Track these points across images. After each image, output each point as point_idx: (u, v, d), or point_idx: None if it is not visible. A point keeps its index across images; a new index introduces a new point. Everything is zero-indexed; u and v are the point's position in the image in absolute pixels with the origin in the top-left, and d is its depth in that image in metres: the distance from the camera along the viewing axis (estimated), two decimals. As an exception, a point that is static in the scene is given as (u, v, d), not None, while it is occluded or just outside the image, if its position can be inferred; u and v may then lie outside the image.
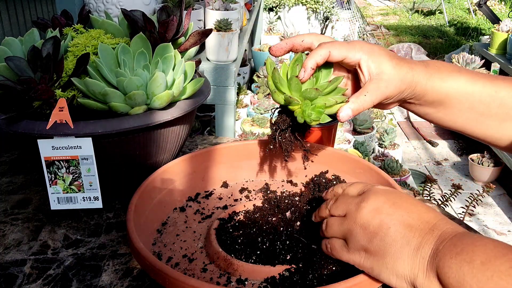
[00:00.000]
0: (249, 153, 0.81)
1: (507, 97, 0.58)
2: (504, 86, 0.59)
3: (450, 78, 0.59)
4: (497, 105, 0.59)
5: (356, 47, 0.59)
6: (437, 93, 0.59)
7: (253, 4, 3.01)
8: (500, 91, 0.58)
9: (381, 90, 0.58)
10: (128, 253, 0.69)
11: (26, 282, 0.63)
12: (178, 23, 0.77)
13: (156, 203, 0.70)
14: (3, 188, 0.88)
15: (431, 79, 0.59)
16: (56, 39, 0.70)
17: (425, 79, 0.59)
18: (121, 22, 0.83)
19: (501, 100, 0.58)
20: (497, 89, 0.59)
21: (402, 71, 0.58)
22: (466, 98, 0.59)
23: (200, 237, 0.67)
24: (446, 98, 0.60)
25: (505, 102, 0.58)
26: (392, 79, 0.58)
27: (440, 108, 0.61)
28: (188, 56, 0.86)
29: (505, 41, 3.52)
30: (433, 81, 0.59)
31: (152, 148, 0.77)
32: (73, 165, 0.70)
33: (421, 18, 7.11)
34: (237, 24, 1.77)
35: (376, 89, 0.58)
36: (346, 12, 4.98)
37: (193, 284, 0.48)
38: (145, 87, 0.72)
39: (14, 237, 0.73)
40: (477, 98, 0.59)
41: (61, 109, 0.67)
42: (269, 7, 4.59)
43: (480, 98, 0.59)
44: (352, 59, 0.59)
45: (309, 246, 0.61)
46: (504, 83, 0.59)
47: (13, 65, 0.68)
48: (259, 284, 0.56)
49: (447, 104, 0.60)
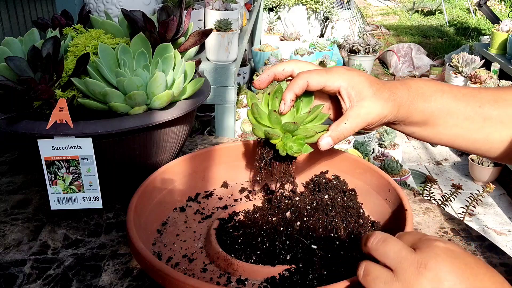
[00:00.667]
0: (249, 153, 0.81)
1: (491, 110, 0.58)
2: (487, 100, 0.59)
3: (433, 98, 0.59)
4: (482, 119, 0.58)
5: (335, 75, 0.59)
6: (421, 114, 0.59)
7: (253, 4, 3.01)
8: (484, 105, 0.58)
9: (362, 117, 0.58)
10: (128, 253, 0.69)
11: (26, 282, 0.63)
12: (178, 23, 0.77)
13: (156, 203, 0.70)
14: (3, 188, 0.88)
15: (414, 102, 0.59)
16: (56, 39, 0.70)
17: (408, 102, 0.58)
18: (121, 22, 0.83)
19: (485, 114, 0.58)
20: (481, 103, 0.58)
21: (383, 97, 0.58)
22: (451, 116, 0.59)
23: (200, 237, 0.67)
24: (431, 117, 0.59)
25: (490, 116, 0.58)
26: (373, 106, 0.57)
27: (425, 127, 0.60)
28: (188, 56, 0.86)
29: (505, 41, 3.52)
30: (416, 104, 0.59)
31: (152, 148, 0.77)
32: (73, 165, 0.70)
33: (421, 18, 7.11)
34: (237, 24, 1.77)
35: (356, 116, 0.58)
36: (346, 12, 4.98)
37: (193, 284, 0.48)
38: (145, 87, 0.72)
39: (14, 237, 0.73)
40: (461, 115, 0.59)
41: (61, 109, 0.67)
42: (269, 7, 4.59)
43: (465, 114, 0.59)
44: (331, 87, 0.59)
45: (309, 246, 0.61)
46: (487, 96, 0.59)
47: (13, 65, 0.68)
48: (259, 284, 0.56)
49: (432, 123, 0.60)
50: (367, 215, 0.69)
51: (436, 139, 0.62)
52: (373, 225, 0.65)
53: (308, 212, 0.66)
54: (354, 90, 0.58)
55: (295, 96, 0.59)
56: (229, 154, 0.80)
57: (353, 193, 0.70)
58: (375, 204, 0.70)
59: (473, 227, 0.77)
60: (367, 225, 0.65)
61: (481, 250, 0.71)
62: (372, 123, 0.59)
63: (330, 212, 0.65)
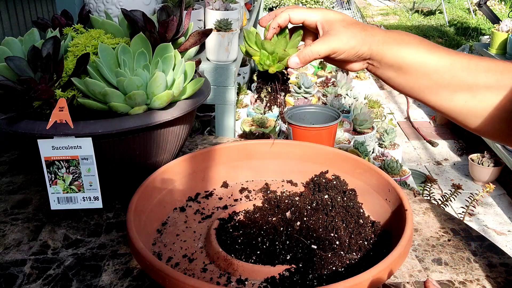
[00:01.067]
0: (249, 153, 0.81)
1: (460, 70, 0.61)
2: (459, 60, 0.62)
3: (408, 46, 0.63)
4: (451, 76, 0.61)
5: (314, 11, 0.68)
6: (394, 58, 0.64)
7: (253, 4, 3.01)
8: (455, 63, 0.62)
9: (328, 43, 0.65)
10: (128, 253, 0.69)
11: (26, 282, 0.63)
12: (178, 23, 0.77)
13: (156, 203, 0.70)
14: (3, 188, 0.88)
15: (388, 43, 0.64)
16: (56, 39, 0.70)
17: (381, 42, 0.64)
18: (121, 22, 0.83)
19: (455, 72, 0.61)
20: (452, 61, 0.62)
21: (352, 30, 0.65)
22: (421, 66, 0.63)
23: (200, 237, 0.67)
24: (403, 64, 0.63)
25: (458, 75, 0.61)
26: (340, 35, 0.64)
27: (399, 73, 0.65)
28: (188, 56, 0.86)
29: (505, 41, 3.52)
30: (390, 46, 0.64)
31: (152, 148, 0.77)
32: (73, 165, 0.70)
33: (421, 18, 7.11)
34: (237, 24, 1.77)
35: (322, 41, 0.65)
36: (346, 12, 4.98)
37: (193, 284, 0.48)
38: (145, 87, 0.72)
39: (14, 237, 0.73)
40: (432, 67, 0.62)
41: (61, 109, 0.67)
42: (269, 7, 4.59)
43: (436, 68, 0.62)
44: (309, 21, 0.67)
45: (309, 246, 0.61)
46: (460, 57, 0.62)
47: (13, 65, 0.68)
48: (259, 284, 0.56)
49: (405, 70, 0.64)
50: (367, 215, 0.69)
51: (408, 88, 0.66)
52: (373, 225, 0.65)
53: (308, 212, 0.66)
54: (328, 23, 0.66)
55: (278, 26, 0.68)
56: (229, 154, 0.80)
57: (353, 193, 0.70)
58: (375, 204, 0.70)
59: (473, 227, 0.77)
60: (367, 225, 0.65)
61: (481, 250, 0.71)
62: (339, 51, 0.65)
63: (330, 212, 0.65)
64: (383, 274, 0.51)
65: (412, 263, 0.68)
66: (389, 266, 0.51)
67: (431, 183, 1.75)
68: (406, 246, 0.54)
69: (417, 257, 0.69)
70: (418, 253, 0.70)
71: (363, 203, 0.69)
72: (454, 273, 0.66)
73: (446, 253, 0.70)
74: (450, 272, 0.66)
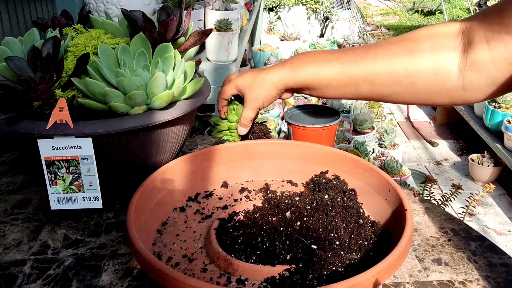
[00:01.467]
0: (249, 153, 0.81)
1: (350, 69, 0.68)
2: (347, 60, 0.69)
3: (303, 69, 0.73)
4: (345, 77, 0.69)
5: (230, 86, 0.80)
6: (300, 83, 0.74)
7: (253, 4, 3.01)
8: (345, 65, 0.69)
9: (249, 107, 0.79)
10: (128, 253, 0.69)
11: (26, 282, 0.63)
12: (178, 23, 0.77)
13: (156, 203, 0.70)
14: (3, 188, 0.88)
15: (294, 73, 0.73)
16: (56, 39, 0.70)
17: (291, 75, 0.74)
18: (121, 22, 0.83)
19: (348, 74, 0.69)
20: (342, 64, 0.69)
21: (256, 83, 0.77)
22: (320, 81, 0.71)
23: (200, 237, 0.67)
24: (309, 85, 0.73)
25: (350, 74, 0.68)
26: (251, 95, 0.78)
27: (312, 91, 0.74)
28: (188, 56, 0.86)
29: (505, 41, 3.52)
30: (295, 74, 0.73)
31: (152, 148, 0.77)
32: (73, 165, 0.70)
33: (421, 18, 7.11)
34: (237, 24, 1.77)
35: (246, 108, 0.79)
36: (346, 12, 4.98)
37: (193, 284, 0.48)
38: (145, 87, 0.72)
39: (14, 237, 0.73)
40: (327, 78, 0.70)
41: (61, 109, 0.67)
42: (269, 7, 4.59)
43: (331, 77, 0.70)
44: (235, 92, 0.80)
45: (309, 246, 0.61)
46: (347, 56, 0.69)
47: (13, 65, 0.68)
48: (259, 284, 0.56)
49: (313, 88, 0.73)
50: (367, 215, 0.69)
51: (326, 96, 0.75)
52: (373, 225, 0.65)
53: (308, 212, 0.66)
54: (242, 91, 0.79)
55: (224, 103, 0.82)
56: (229, 154, 0.80)
57: (353, 193, 0.70)
58: (375, 204, 0.70)
59: (473, 227, 0.77)
60: (367, 225, 0.65)
61: (481, 250, 0.71)
62: (261, 105, 0.78)
63: (330, 212, 0.65)
64: (383, 274, 0.51)
65: (412, 263, 0.68)
66: (389, 266, 0.51)
67: (431, 183, 1.75)
68: (406, 246, 0.54)
69: (417, 257, 0.69)
70: (418, 253, 0.70)
71: (363, 203, 0.69)
72: (454, 273, 0.66)
73: (446, 253, 0.70)
74: (450, 272, 0.66)
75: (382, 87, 0.67)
